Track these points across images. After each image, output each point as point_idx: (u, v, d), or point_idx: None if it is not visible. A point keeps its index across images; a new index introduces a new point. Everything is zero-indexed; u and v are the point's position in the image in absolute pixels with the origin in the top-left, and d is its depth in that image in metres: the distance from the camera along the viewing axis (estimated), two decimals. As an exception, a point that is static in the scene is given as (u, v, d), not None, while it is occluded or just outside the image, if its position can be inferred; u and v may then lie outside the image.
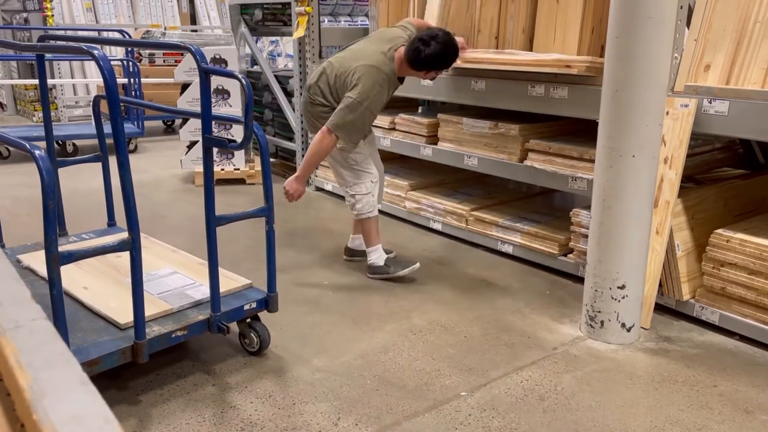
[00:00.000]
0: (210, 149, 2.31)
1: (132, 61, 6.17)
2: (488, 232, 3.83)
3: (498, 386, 2.41)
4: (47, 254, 1.80)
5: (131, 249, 2.01)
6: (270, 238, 2.52)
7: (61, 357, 0.63)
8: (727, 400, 2.32)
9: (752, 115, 2.59)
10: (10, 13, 9.30)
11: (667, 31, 2.48)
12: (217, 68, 4.22)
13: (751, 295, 2.68)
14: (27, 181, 5.37)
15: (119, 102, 1.91)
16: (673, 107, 2.78)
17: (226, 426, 2.15)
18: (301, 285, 3.34)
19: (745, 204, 3.24)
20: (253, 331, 2.58)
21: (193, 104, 5.04)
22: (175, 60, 7.89)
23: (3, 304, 0.73)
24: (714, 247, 2.78)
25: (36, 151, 1.76)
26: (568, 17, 3.44)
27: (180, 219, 4.49)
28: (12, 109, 9.37)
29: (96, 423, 0.54)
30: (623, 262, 2.65)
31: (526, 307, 3.11)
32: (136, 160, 6.29)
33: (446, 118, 4.04)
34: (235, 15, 5.88)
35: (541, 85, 3.37)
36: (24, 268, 2.81)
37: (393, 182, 4.47)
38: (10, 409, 0.65)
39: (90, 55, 1.92)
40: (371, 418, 2.20)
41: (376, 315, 3.00)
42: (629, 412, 2.25)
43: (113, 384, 2.38)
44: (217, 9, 10.47)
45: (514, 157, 3.65)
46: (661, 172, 2.77)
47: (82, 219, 4.06)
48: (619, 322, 2.71)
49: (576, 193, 3.40)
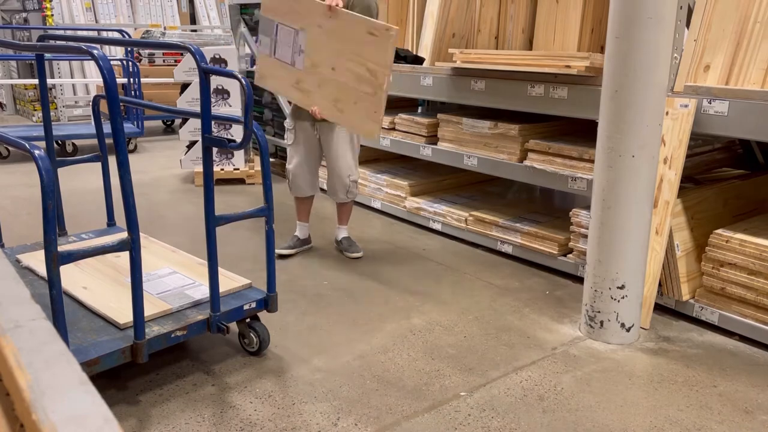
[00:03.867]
0: (210, 149, 2.31)
1: (132, 61, 6.17)
2: (488, 232, 3.83)
3: (497, 386, 2.41)
4: (47, 254, 1.80)
5: (131, 249, 2.01)
6: (270, 238, 2.52)
7: (61, 357, 0.63)
8: (727, 400, 2.32)
9: (752, 116, 2.59)
10: (9, 13, 9.30)
11: (667, 32, 2.48)
12: (216, 68, 4.21)
13: (751, 295, 2.68)
14: (26, 180, 5.37)
15: (119, 102, 1.91)
16: (673, 107, 2.78)
17: (225, 426, 2.15)
18: (300, 285, 3.34)
19: (744, 204, 3.24)
20: (252, 331, 2.58)
21: (193, 104, 5.04)
22: (175, 60, 7.89)
23: (3, 304, 0.73)
24: (713, 247, 2.78)
25: (35, 150, 1.76)
26: (567, 17, 3.44)
27: (179, 219, 4.49)
28: (11, 108, 9.37)
29: (95, 423, 0.53)
30: (623, 263, 2.65)
31: (525, 307, 3.11)
32: (136, 159, 6.29)
33: (446, 118, 4.04)
34: (235, 15, 5.88)
35: (541, 85, 3.37)
36: (23, 268, 2.81)
37: (393, 182, 4.47)
38: (9, 409, 0.65)
39: (89, 55, 1.92)
40: (371, 418, 2.20)
41: (376, 315, 3.00)
42: (629, 412, 2.25)
43: (113, 384, 2.38)
44: (217, 9, 10.47)
45: (514, 157, 3.65)
46: (660, 173, 2.77)
47: (82, 219, 4.06)
48: (618, 322, 2.71)
49: (576, 193, 3.40)
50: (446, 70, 3.87)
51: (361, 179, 4.73)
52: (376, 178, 4.60)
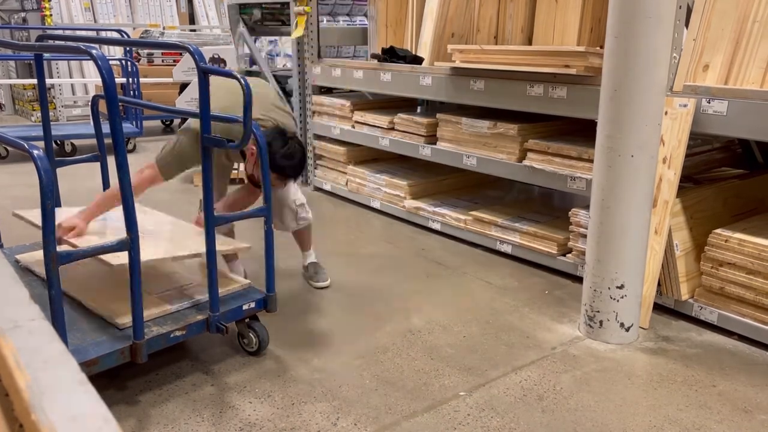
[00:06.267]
0: (209, 149, 2.31)
1: (130, 61, 6.16)
2: (487, 231, 3.83)
3: (497, 386, 2.41)
4: (45, 254, 1.80)
5: (130, 249, 2.01)
6: (269, 238, 2.52)
7: (60, 357, 0.63)
8: (726, 400, 2.32)
9: (751, 115, 2.59)
10: (8, 13, 9.29)
11: (666, 31, 2.48)
12: (215, 68, 4.21)
13: (750, 294, 2.68)
14: (26, 180, 5.36)
15: (118, 102, 1.91)
16: (672, 107, 2.78)
17: (224, 426, 2.15)
18: (300, 285, 3.33)
19: (743, 204, 3.24)
20: (251, 331, 2.58)
21: (192, 104, 5.04)
22: (174, 60, 7.88)
23: (2, 304, 0.73)
24: (713, 247, 2.78)
25: (34, 150, 1.75)
26: (567, 16, 3.44)
27: (179, 219, 4.48)
28: (10, 108, 9.36)
29: (95, 423, 0.53)
30: (622, 262, 2.65)
31: (524, 306, 3.11)
32: (135, 159, 6.29)
33: (445, 118, 4.04)
34: (234, 15, 5.88)
35: (540, 84, 3.37)
36: (22, 268, 2.80)
37: (392, 182, 4.47)
38: (8, 410, 0.65)
39: (88, 55, 1.92)
40: (370, 418, 2.20)
41: (375, 315, 3.00)
42: (628, 411, 2.25)
43: (112, 384, 2.38)
44: (216, 9, 10.47)
45: (513, 156, 3.65)
46: (659, 172, 2.77)
47: (81, 219, 4.05)
48: (617, 321, 2.71)
49: (575, 192, 3.40)
50: (445, 70, 3.87)
51: (360, 179, 4.73)
52: (375, 177, 4.60)
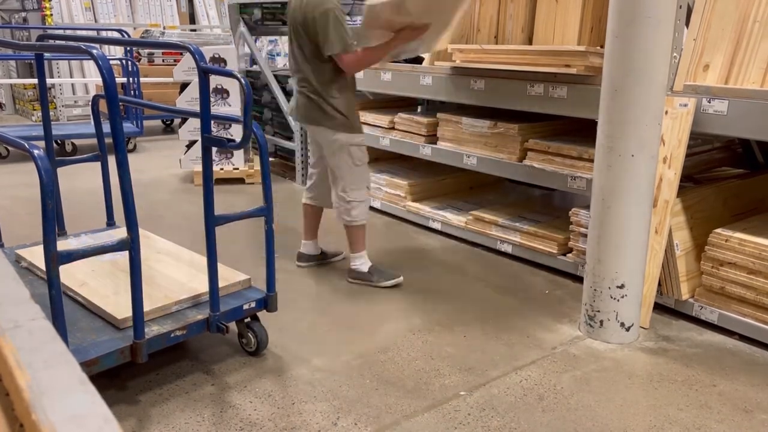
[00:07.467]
0: (209, 149, 2.31)
1: (131, 61, 6.16)
2: (487, 231, 3.83)
3: (497, 386, 2.41)
4: (46, 254, 1.80)
5: (130, 249, 2.01)
6: (269, 238, 2.52)
7: (60, 357, 0.63)
8: (726, 400, 2.32)
9: (751, 115, 2.59)
10: (8, 13, 9.29)
11: (666, 31, 2.48)
12: (216, 68, 4.22)
13: (750, 294, 2.68)
14: (26, 180, 5.36)
15: (118, 101, 1.91)
16: (672, 107, 2.78)
17: (225, 426, 2.15)
18: (300, 285, 3.34)
19: (744, 203, 3.24)
20: (251, 331, 2.58)
21: (192, 103, 5.04)
22: (174, 59, 7.89)
23: (2, 304, 0.73)
24: (713, 247, 2.78)
25: (35, 150, 1.75)
26: (567, 16, 3.44)
27: (179, 218, 4.49)
28: (11, 108, 9.36)
29: (95, 423, 0.53)
30: (622, 262, 2.65)
31: (525, 306, 3.11)
32: (135, 159, 6.29)
33: (445, 118, 4.04)
34: (234, 14, 5.87)
35: (540, 84, 3.37)
36: (23, 268, 2.81)
37: (392, 182, 4.47)
38: (9, 409, 0.65)
39: (89, 55, 1.92)
40: (370, 418, 2.20)
41: (376, 315, 3.00)
42: (628, 411, 2.25)
43: (112, 384, 2.38)
44: (216, 8, 10.47)
45: (513, 156, 3.65)
46: (660, 172, 2.77)
47: (81, 219, 4.05)
48: (618, 321, 2.71)
49: (575, 192, 3.40)
50: (445, 70, 3.87)
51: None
52: (376, 177, 4.60)
